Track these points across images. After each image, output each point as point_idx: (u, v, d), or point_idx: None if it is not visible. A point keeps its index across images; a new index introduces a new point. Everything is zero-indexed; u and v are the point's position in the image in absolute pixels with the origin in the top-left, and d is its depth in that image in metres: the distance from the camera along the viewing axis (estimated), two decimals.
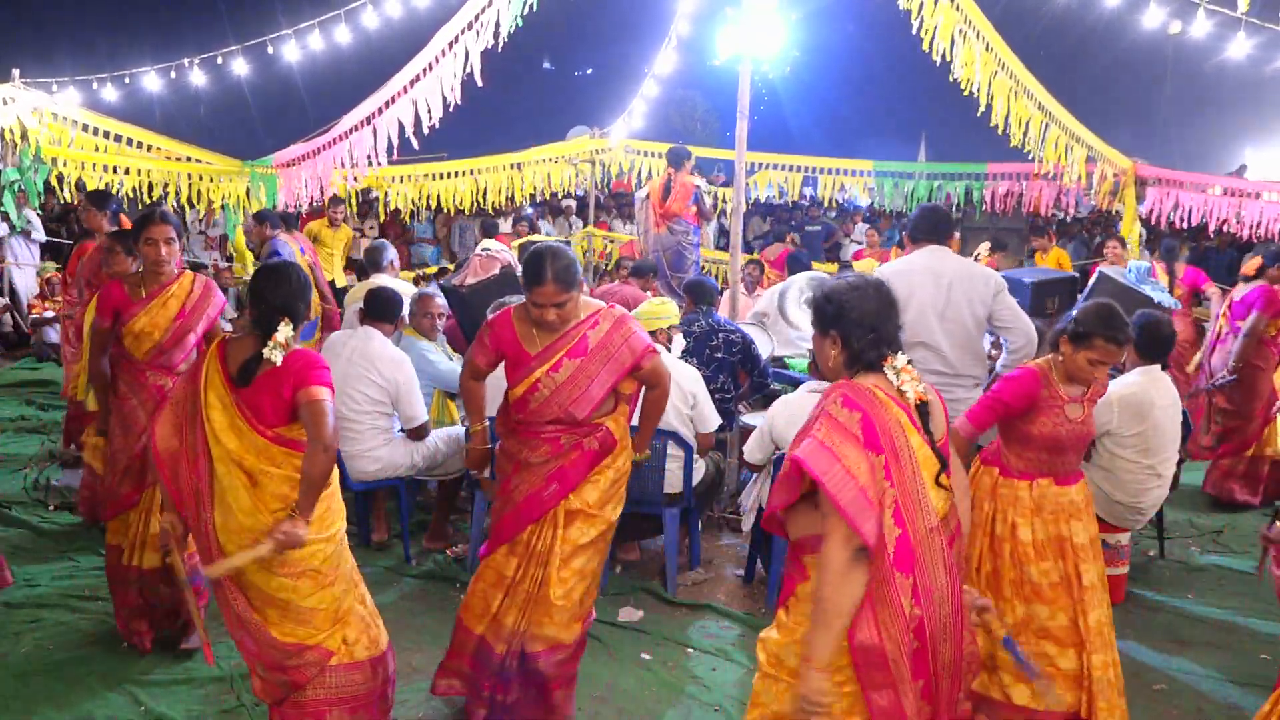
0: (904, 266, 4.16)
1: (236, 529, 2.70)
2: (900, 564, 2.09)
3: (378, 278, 6.40)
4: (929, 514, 2.13)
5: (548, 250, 3.00)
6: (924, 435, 2.18)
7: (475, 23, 6.94)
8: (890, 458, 2.10)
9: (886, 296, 2.26)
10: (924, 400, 2.20)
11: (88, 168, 6.71)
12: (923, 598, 2.11)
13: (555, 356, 3.03)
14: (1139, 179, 8.82)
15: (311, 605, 2.77)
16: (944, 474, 2.19)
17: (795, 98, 23.83)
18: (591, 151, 10.56)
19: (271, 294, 2.80)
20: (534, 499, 3.07)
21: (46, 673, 3.52)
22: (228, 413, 2.72)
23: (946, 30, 7.36)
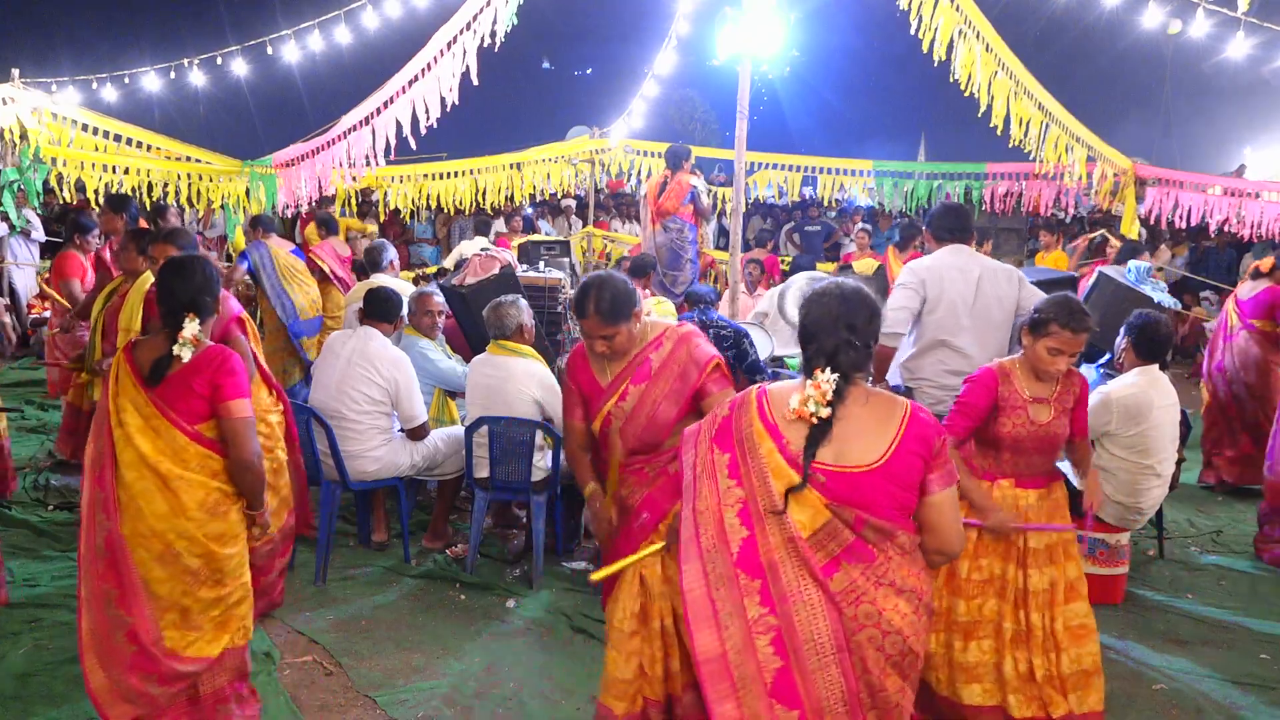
0: (933, 263, 4.13)
1: (148, 533, 2.70)
2: (744, 564, 2.07)
3: (377, 278, 6.40)
4: (788, 525, 2.06)
5: (594, 282, 2.89)
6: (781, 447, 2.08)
7: (474, 22, 6.95)
8: (738, 457, 2.13)
9: (845, 306, 2.16)
10: (822, 419, 2.07)
11: (87, 168, 6.72)
12: (776, 605, 2.04)
13: (622, 385, 2.93)
14: (1139, 179, 8.84)
15: (208, 613, 2.80)
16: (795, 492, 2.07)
17: (795, 98, 23.85)
18: (591, 151, 10.57)
19: (179, 289, 2.77)
20: (626, 533, 2.92)
21: (46, 673, 3.52)
22: (141, 413, 2.70)
23: (946, 31, 7.37)
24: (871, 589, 2.06)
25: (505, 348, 4.56)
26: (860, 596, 2.05)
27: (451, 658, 3.78)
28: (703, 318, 5.21)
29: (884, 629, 2.06)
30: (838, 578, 2.06)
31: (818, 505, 2.07)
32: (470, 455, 4.53)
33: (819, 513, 2.07)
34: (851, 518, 2.06)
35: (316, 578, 4.42)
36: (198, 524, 2.72)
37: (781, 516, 2.07)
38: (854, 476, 2.08)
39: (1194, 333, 10.84)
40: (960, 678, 3.12)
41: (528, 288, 5.87)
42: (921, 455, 2.10)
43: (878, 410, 2.14)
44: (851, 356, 2.12)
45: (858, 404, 2.12)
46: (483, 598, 4.34)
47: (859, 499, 2.07)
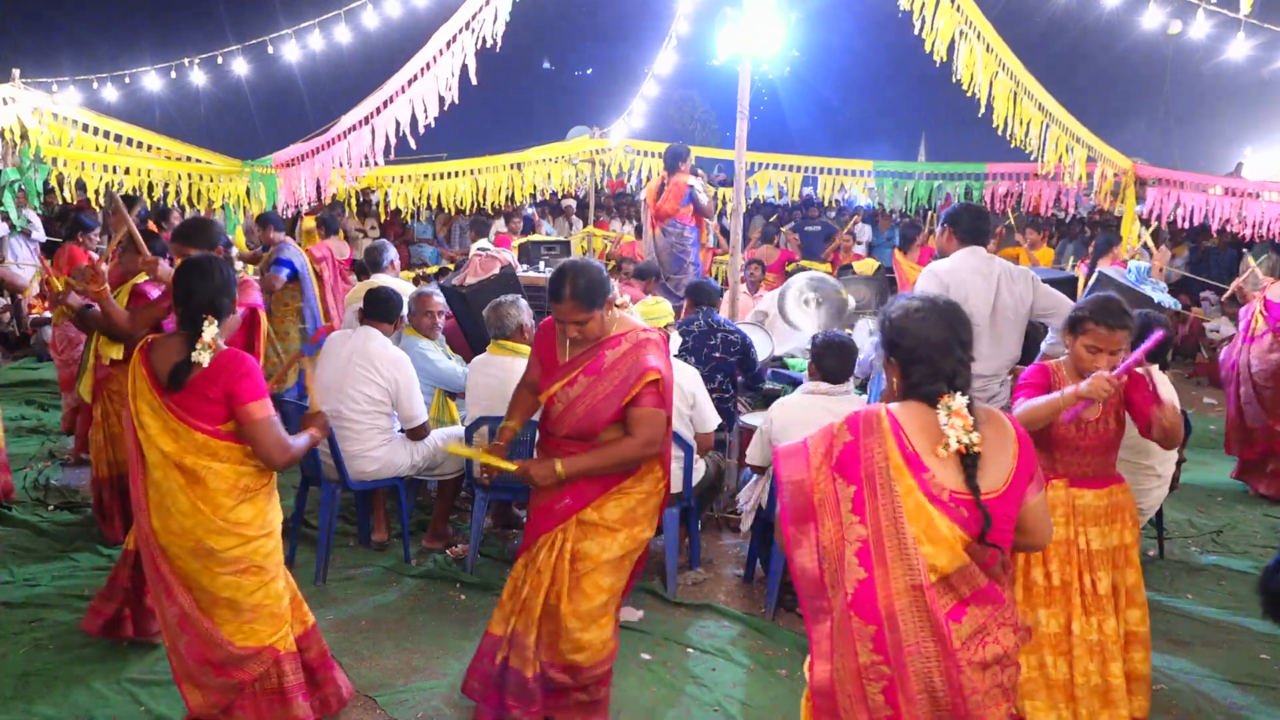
0: (954, 266, 4.08)
1: (178, 531, 2.73)
2: (858, 607, 1.96)
3: (378, 278, 6.40)
4: (916, 570, 1.92)
5: (570, 267, 2.95)
6: (922, 483, 1.96)
7: (473, 22, 6.95)
8: (865, 492, 1.97)
9: (952, 325, 2.08)
10: (972, 450, 1.97)
11: (88, 168, 6.71)
12: (890, 654, 1.93)
13: (573, 372, 3.01)
14: (1139, 179, 8.84)
15: (256, 602, 2.81)
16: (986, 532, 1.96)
17: (795, 98, 23.86)
18: (591, 151, 10.57)
19: (198, 291, 2.78)
20: (546, 509, 3.05)
21: (46, 673, 3.52)
22: (159, 416, 2.72)
23: (947, 31, 7.36)
24: (995, 628, 1.99)
25: (505, 348, 4.57)
26: (985, 639, 1.97)
27: (451, 658, 3.78)
28: (708, 321, 5.21)
29: (1005, 664, 2.01)
30: (965, 621, 1.95)
31: (957, 547, 1.95)
32: None
33: (956, 555, 1.95)
34: (986, 557, 1.97)
35: (316, 577, 4.42)
36: (224, 513, 2.74)
37: (910, 560, 1.93)
38: (993, 503, 1.98)
39: (1194, 333, 10.84)
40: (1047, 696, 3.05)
41: (528, 288, 5.88)
42: (1031, 476, 2.04)
43: (997, 429, 2.05)
44: (966, 377, 2.04)
45: (982, 424, 2.03)
46: (483, 598, 4.34)
47: (994, 531, 1.97)
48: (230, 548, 2.75)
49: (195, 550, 2.73)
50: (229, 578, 2.76)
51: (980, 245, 4.16)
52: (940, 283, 3.98)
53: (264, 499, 2.84)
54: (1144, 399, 3.11)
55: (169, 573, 2.79)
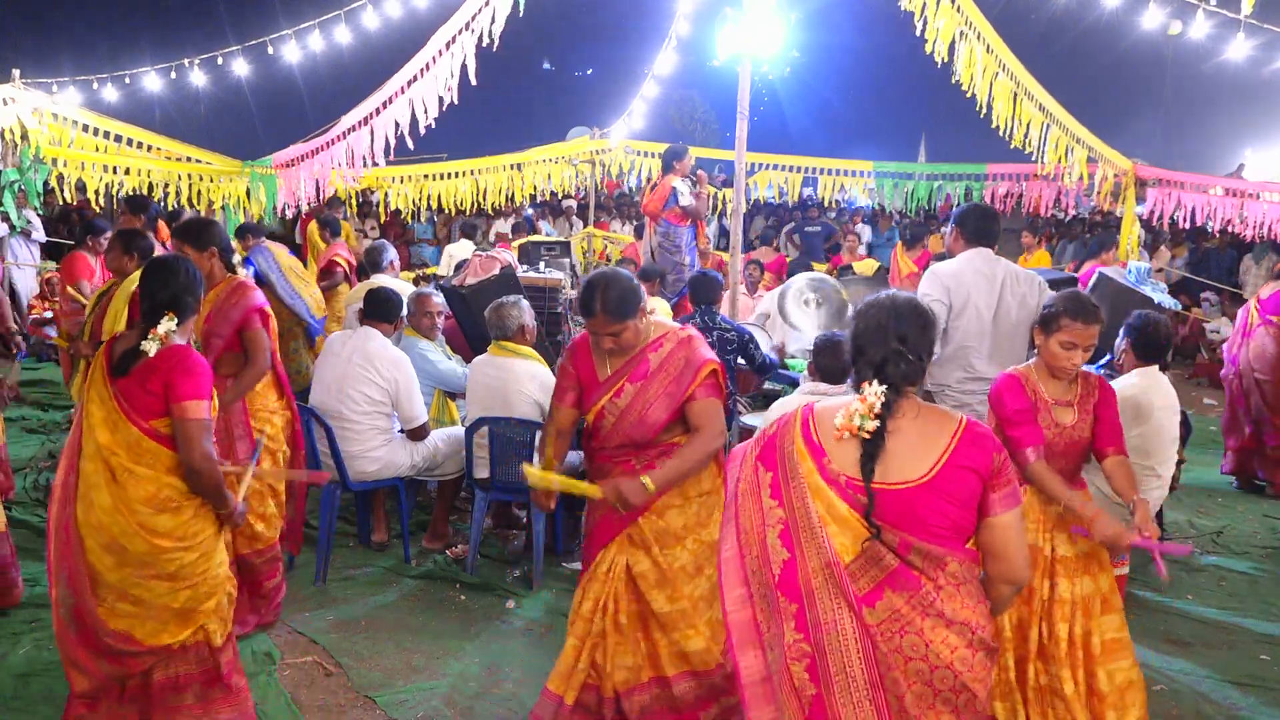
0: (958, 268, 4.03)
1: (95, 524, 2.75)
2: (784, 587, 2.02)
3: (378, 278, 6.40)
4: (825, 548, 1.98)
5: (600, 280, 2.90)
6: (821, 466, 2.02)
7: (473, 22, 6.95)
8: (779, 477, 2.07)
9: (895, 316, 2.08)
10: (862, 434, 1.99)
11: (88, 168, 6.72)
12: (811, 633, 1.98)
13: (619, 383, 2.95)
14: (1139, 180, 8.84)
15: (165, 603, 2.81)
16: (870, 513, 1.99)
17: (795, 98, 23.85)
18: (591, 152, 10.56)
19: (159, 288, 2.81)
20: (606, 522, 2.98)
21: (46, 673, 3.52)
22: (105, 406, 2.76)
23: (948, 32, 7.36)
24: (918, 619, 1.96)
25: (506, 348, 4.57)
26: (905, 627, 1.96)
27: (451, 658, 3.78)
28: (707, 319, 5.21)
29: (932, 663, 1.95)
30: (879, 606, 1.97)
31: (858, 528, 1.99)
32: (470, 456, 4.53)
33: (859, 535, 1.99)
34: (896, 541, 1.97)
35: (316, 578, 4.42)
36: (141, 518, 2.74)
37: (819, 540, 1.99)
38: (900, 494, 1.98)
39: (1194, 333, 10.85)
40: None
41: (528, 288, 5.87)
42: (977, 471, 2.00)
43: (929, 424, 2.05)
44: (902, 369, 2.03)
45: (907, 418, 2.03)
46: (483, 598, 4.34)
47: (906, 520, 1.97)
48: (141, 552, 2.74)
49: (109, 546, 2.74)
50: (137, 578, 2.76)
51: (988, 247, 4.11)
52: (941, 284, 3.93)
53: (189, 513, 2.81)
54: (1112, 425, 3.13)
55: (80, 563, 2.78)
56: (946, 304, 3.90)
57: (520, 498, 4.61)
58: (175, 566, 2.78)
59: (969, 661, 1.96)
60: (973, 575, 2.03)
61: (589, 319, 2.90)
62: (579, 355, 3.07)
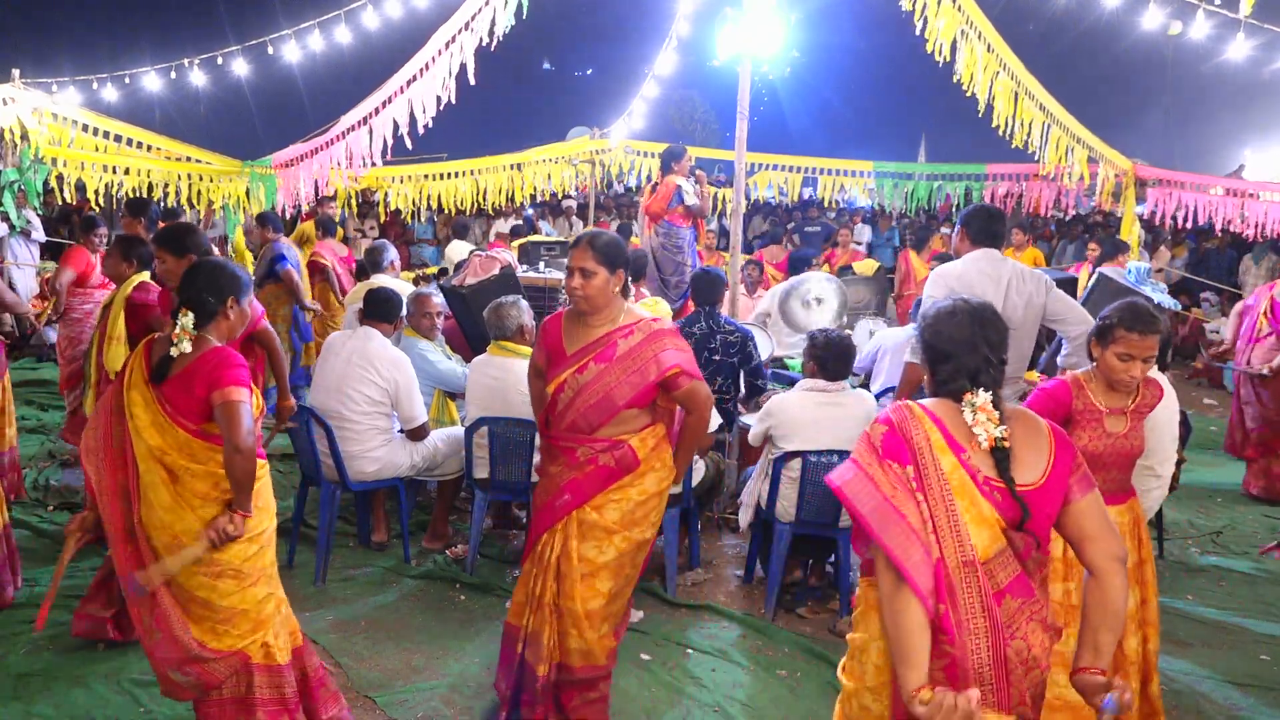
0: (964, 270, 4.02)
1: (158, 525, 2.73)
2: (935, 585, 1.96)
3: (378, 278, 6.40)
4: (965, 546, 1.95)
5: (600, 230, 3.09)
6: (963, 461, 2.00)
7: (472, 22, 6.95)
8: (918, 470, 1.99)
9: (980, 324, 2.11)
10: (1001, 444, 2.00)
11: (88, 168, 6.72)
12: (956, 635, 1.93)
13: (584, 359, 2.98)
14: (1139, 180, 8.85)
15: (231, 605, 2.78)
16: (1024, 522, 1.98)
17: (795, 98, 23.85)
18: (591, 152, 10.57)
19: (182, 290, 2.84)
20: (547, 507, 3.05)
21: (46, 673, 3.52)
22: (149, 409, 2.74)
23: (949, 32, 7.37)
24: (1024, 624, 1.97)
25: (506, 348, 4.56)
26: (1015, 631, 1.96)
27: (451, 658, 3.78)
28: (711, 322, 5.20)
29: (1028, 664, 1.98)
30: (1005, 606, 1.96)
31: (995, 528, 1.97)
32: (470, 456, 4.53)
33: (995, 537, 1.97)
34: (1021, 544, 1.98)
35: (316, 578, 4.42)
36: (202, 515, 2.72)
37: (961, 537, 1.96)
38: (1026, 496, 2.00)
39: (1194, 333, 10.85)
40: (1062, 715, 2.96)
41: (528, 288, 5.87)
42: (1071, 466, 2.06)
43: (1027, 426, 2.08)
44: (992, 375, 2.07)
45: (1011, 420, 2.06)
46: (483, 598, 4.34)
47: (1032, 522, 1.99)
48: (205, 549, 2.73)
49: (171, 546, 2.72)
50: (203, 579, 2.74)
51: (994, 247, 4.10)
52: (947, 285, 3.90)
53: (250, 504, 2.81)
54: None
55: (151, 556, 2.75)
56: None
57: (520, 498, 4.61)
58: (240, 560, 2.76)
59: (1044, 648, 2.00)
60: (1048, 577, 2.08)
61: (573, 248, 2.99)
62: (549, 329, 3.14)
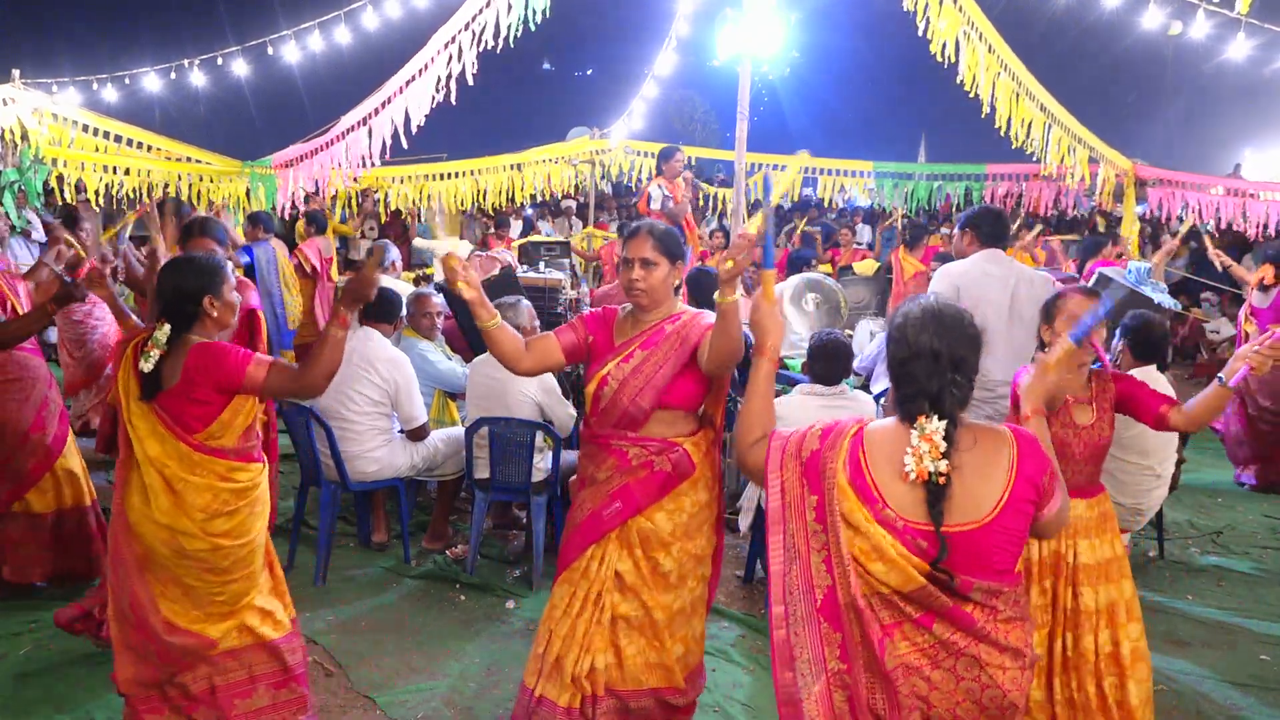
0: (970, 269, 4.00)
1: (157, 522, 2.72)
2: (827, 614, 1.92)
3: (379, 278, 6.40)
4: (850, 586, 1.88)
5: (655, 220, 2.97)
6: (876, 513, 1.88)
7: (473, 23, 6.94)
8: (823, 503, 1.93)
9: (950, 339, 1.93)
10: (936, 479, 1.85)
11: (88, 168, 6.71)
12: (850, 663, 1.89)
13: (630, 348, 2.82)
14: (1139, 180, 8.85)
15: (212, 596, 2.81)
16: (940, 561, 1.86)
17: (795, 98, 23.82)
18: (591, 152, 10.56)
19: (160, 296, 2.76)
20: (593, 517, 2.83)
21: (46, 673, 3.52)
22: (147, 419, 2.72)
23: (951, 32, 7.36)
24: (972, 645, 1.88)
25: None
26: (959, 652, 1.88)
27: (451, 658, 3.78)
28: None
29: (984, 683, 1.88)
30: (926, 636, 1.88)
31: (909, 570, 1.85)
32: (470, 456, 4.53)
33: (911, 579, 1.86)
34: (957, 584, 1.85)
35: (316, 578, 4.42)
36: (200, 523, 2.74)
37: (849, 578, 1.88)
38: (966, 535, 1.86)
39: (1193, 334, 10.85)
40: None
41: (528, 288, 5.87)
42: (1034, 501, 1.91)
43: (986, 452, 1.91)
44: (956, 397, 1.90)
45: (965, 449, 1.89)
46: (482, 598, 4.34)
47: (971, 562, 1.86)
48: (201, 550, 2.75)
49: (168, 543, 2.74)
50: (193, 568, 2.77)
51: (1000, 248, 4.11)
52: (953, 284, 3.90)
53: (245, 512, 2.82)
54: (1146, 395, 3.06)
55: (138, 554, 2.77)
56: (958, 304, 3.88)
57: (520, 498, 4.61)
58: (229, 561, 2.79)
59: (1018, 681, 1.91)
60: (1022, 598, 1.96)
61: (631, 239, 2.82)
62: (599, 321, 2.95)
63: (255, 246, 7.17)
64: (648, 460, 2.80)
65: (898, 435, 1.93)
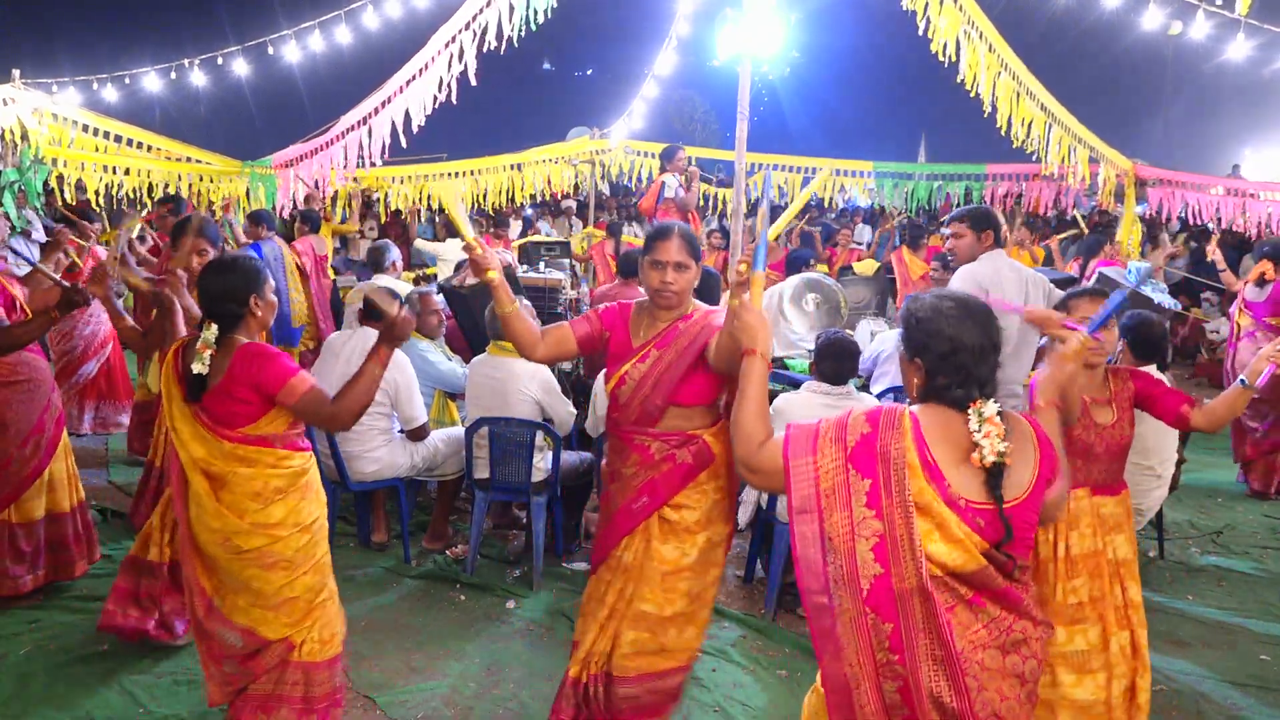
0: (991, 269, 4.00)
1: (206, 530, 2.76)
2: (875, 604, 1.89)
3: (379, 278, 6.40)
4: (920, 567, 1.87)
5: (676, 222, 2.96)
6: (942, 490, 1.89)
7: (473, 23, 6.94)
8: (880, 487, 1.90)
9: (987, 328, 1.99)
10: (1001, 460, 1.89)
11: (88, 168, 6.72)
12: (905, 653, 1.88)
13: (646, 348, 2.89)
14: (1139, 180, 8.85)
15: (281, 595, 2.79)
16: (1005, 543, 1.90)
17: (795, 98, 23.84)
18: (591, 152, 10.56)
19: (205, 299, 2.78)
20: (624, 511, 2.91)
21: (46, 673, 3.52)
22: (190, 423, 2.75)
23: (951, 32, 7.36)
24: (1018, 620, 1.94)
25: (505, 349, 4.56)
26: (1008, 628, 1.92)
27: (451, 658, 3.78)
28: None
29: (1024, 655, 1.93)
30: (972, 619, 1.90)
31: (973, 550, 1.88)
32: (470, 456, 4.53)
33: (973, 558, 1.88)
34: (1005, 564, 1.91)
35: None
36: (253, 516, 2.73)
37: (918, 559, 1.87)
38: (1011, 513, 1.91)
39: (1194, 334, 10.84)
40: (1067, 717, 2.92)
41: (528, 288, 5.87)
42: (1049, 480, 1.98)
43: (1019, 434, 1.98)
44: (995, 384, 1.98)
45: (1009, 433, 1.95)
46: (483, 598, 4.34)
47: (1018, 540, 1.92)
48: (259, 545, 2.74)
49: (224, 545, 2.75)
50: (256, 570, 2.76)
51: (1001, 248, 4.15)
52: (978, 284, 3.91)
53: (297, 497, 2.81)
54: (1165, 393, 3.09)
55: (199, 566, 2.80)
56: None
57: (520, 498, 4.61)
58: (292, 551, 2.78)
59: (1044, 650, 1.99)
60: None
61: (662, 242, 2.82)
62: (615, 319, 2.97)
63: (262, 244, 7.19)
64: (670, 454, 2.88)
65: (949, 419, 1.96)
